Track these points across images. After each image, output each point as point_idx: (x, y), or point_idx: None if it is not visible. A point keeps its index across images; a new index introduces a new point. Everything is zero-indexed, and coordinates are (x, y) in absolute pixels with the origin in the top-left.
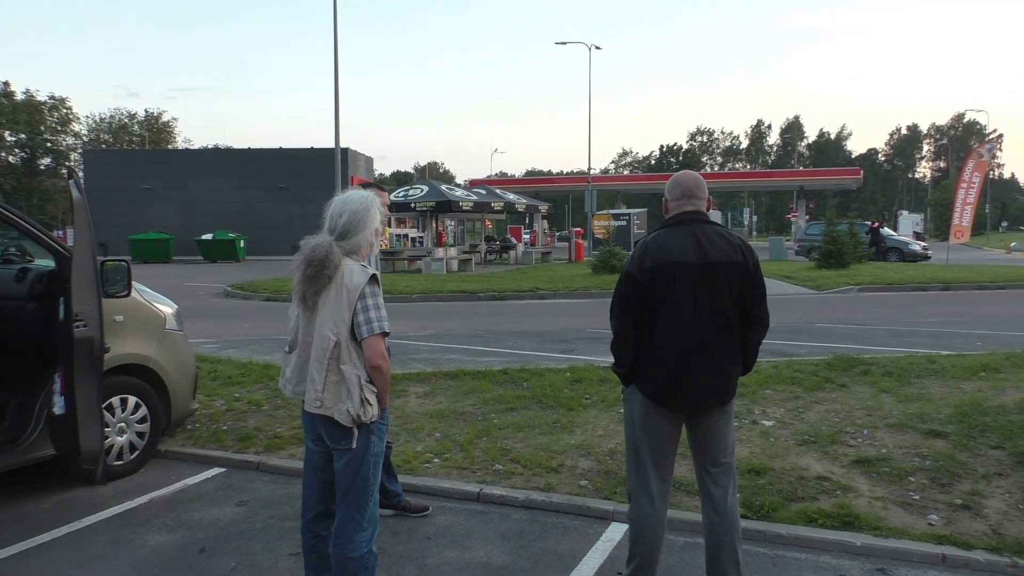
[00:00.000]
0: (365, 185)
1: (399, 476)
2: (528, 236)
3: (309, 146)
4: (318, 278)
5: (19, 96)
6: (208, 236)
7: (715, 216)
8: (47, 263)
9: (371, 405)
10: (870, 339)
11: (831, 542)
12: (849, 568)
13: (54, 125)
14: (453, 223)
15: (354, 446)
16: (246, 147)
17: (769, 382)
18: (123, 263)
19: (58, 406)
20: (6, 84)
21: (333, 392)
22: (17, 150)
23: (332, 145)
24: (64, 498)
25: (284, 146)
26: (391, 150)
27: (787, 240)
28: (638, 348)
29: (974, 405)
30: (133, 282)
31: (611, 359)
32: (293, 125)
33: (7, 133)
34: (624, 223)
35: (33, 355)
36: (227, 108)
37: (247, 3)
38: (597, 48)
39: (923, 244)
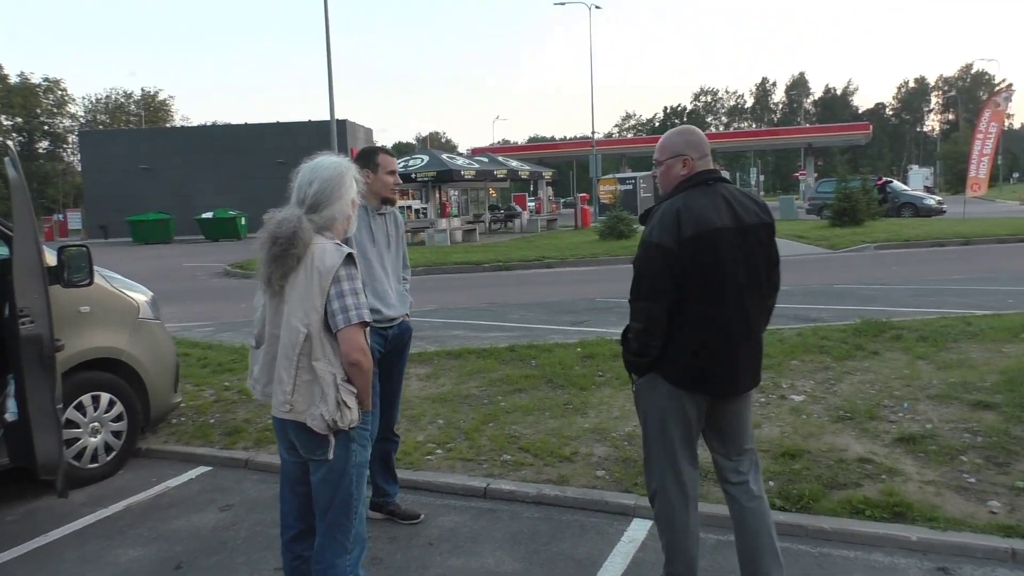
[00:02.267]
0: (372, 150)
1: (398, 468)
2: (533, 204)
3: (307, 119)
4: (285, 258)
5: (13, 79)
6: (208, 215)
7: None
8: (2, 251)
9: (349, 408)
10: (895, 300)
11: (882, 537)
12: (905, 568)
13: (50, 107)
14: (456, 193)
15: (330, 456)
16: (243, 123)
17: (796, 352)
18: (84, 248)
19: (10, 412)
20: None
21: (305, 394)
22: (15, 134)
23: (336, 118)
24: (32, 508)
25: (281, 120)
26: (391, 121)
27: (796, 199)
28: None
29: (1023, 371)
30: (102, 270)
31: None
32: (292, 99)
33: (3, 117)
34: (630, 187)
35: None
36: (225, 83)
37: None
38: (597, 8)
39: (938, 198)
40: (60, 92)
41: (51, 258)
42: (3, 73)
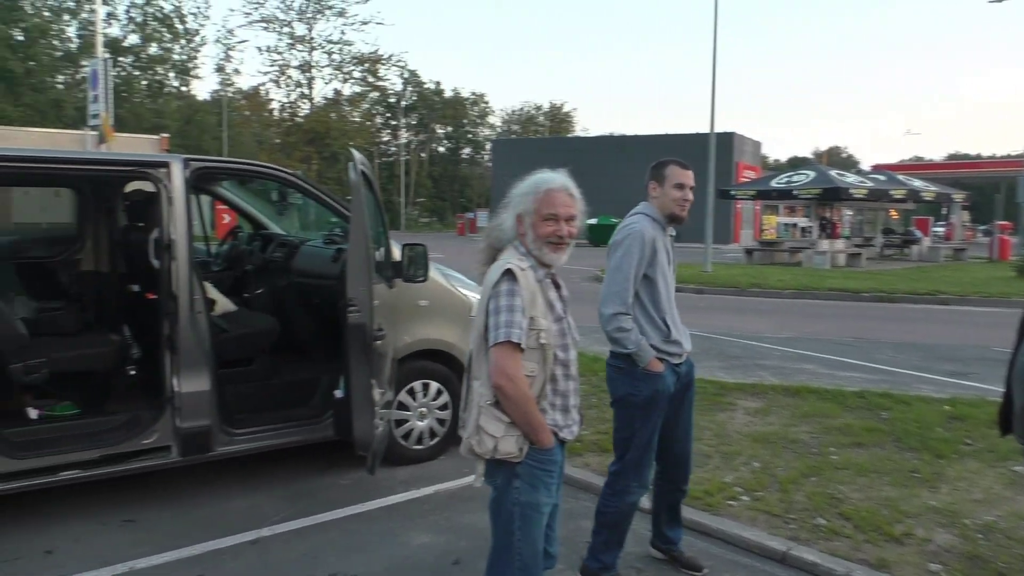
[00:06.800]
0: (664, 162)
1: (693, 509)
2: (942, 229)
3: (695, 131)
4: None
5: (448, 94)
6: (593, 220)
7: None
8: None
9: (489, 436)
10: None
11: None
12: None
13: (474, 118)
14: (851, 213)
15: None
16: (633, 134)
17: None
18: (421, 247)
19: (340, 389)
20: (438, 84)
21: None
22: (445, 141)
23: (724, 130)
24: (363, 476)
25: (670, 132)
26: (787, 134)
27: None
28: None
29: None
30: (444, 268)
31: None
32: (690, 112)
33: (438, 126)
34: None
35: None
36: (627, 97)
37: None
38: None
39: None
40: (483, 105)
41: (398, 253)
42: (440, 88)
